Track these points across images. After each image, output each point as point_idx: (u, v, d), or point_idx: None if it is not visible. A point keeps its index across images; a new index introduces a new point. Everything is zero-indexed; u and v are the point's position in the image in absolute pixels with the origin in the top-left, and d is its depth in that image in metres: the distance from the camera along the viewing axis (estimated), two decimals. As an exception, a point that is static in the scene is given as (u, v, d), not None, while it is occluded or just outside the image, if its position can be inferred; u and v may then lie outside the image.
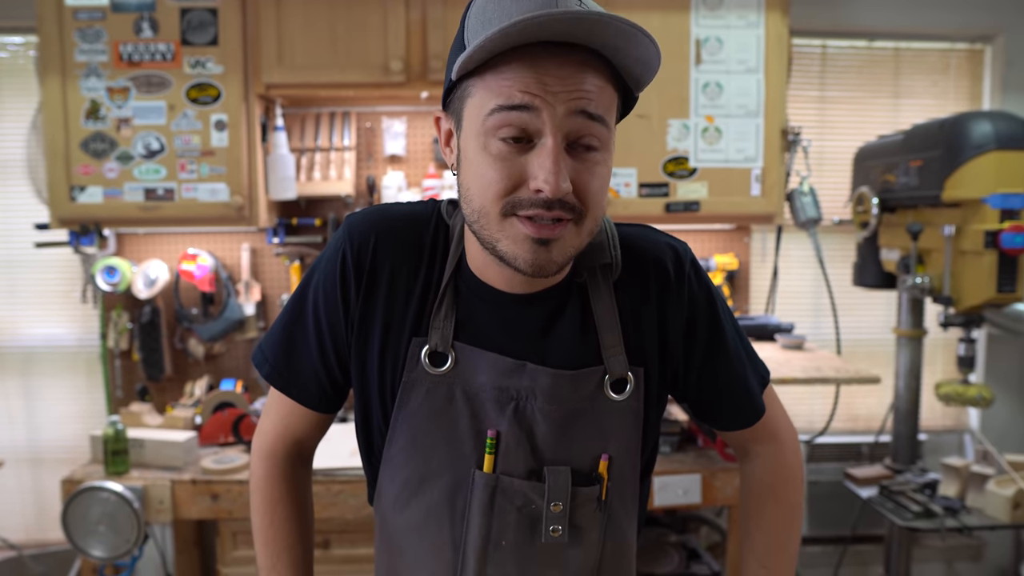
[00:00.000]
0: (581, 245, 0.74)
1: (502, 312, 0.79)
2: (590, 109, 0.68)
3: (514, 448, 0.77)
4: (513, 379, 0.78)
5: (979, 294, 1.85)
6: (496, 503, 0.78)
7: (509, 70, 0.67)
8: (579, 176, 0.69)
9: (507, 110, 0.68)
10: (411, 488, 0.80)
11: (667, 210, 2.11)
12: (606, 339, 0.79)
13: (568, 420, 0.79)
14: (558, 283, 0.80)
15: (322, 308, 0.83)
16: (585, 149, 0.70)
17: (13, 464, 2.48)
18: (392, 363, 0.80)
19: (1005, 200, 1.79)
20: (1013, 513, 1.84)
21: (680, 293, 0.83)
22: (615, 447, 0.80)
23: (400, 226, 0.81)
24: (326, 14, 2.02)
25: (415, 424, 0.79)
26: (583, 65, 0.68)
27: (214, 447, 2.07)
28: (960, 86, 2.61)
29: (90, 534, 1.78)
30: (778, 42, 2.10)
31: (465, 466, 0.78)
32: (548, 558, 0.80)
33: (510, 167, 0.69)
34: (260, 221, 2.12)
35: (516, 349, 0.78)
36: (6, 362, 2.52)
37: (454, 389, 0.79)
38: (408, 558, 0.83)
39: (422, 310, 0.80)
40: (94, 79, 2.05)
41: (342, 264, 0.80)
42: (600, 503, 0.80)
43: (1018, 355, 2.64)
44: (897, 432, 2.28)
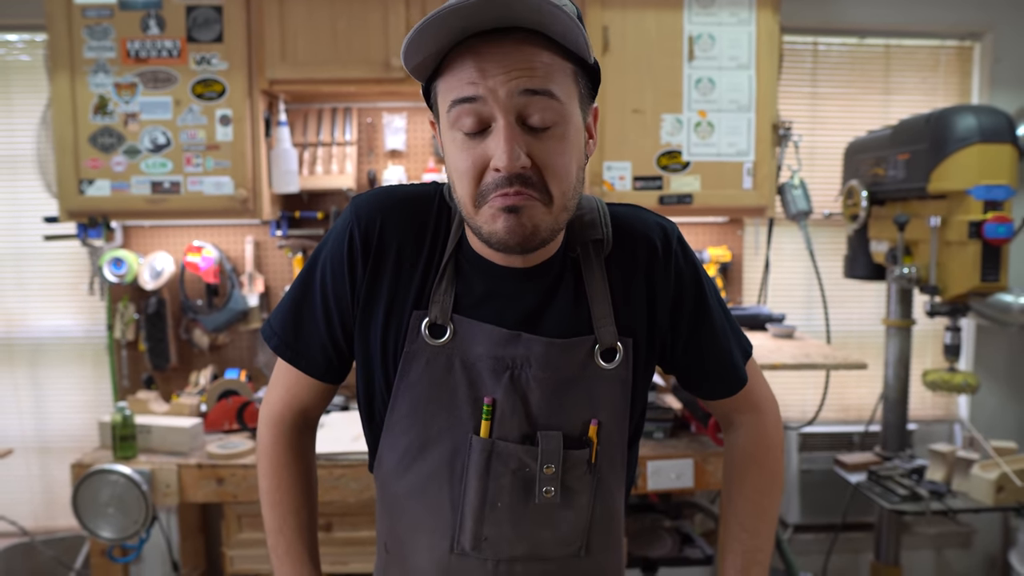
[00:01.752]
0: (557, 221, 0.77)
1: (500, 285, 0.83)
2: (532, 86, 0.71)
3: (509, 414, 0.82)
4: (508, 348, 0.82)
5: (964, 283, 1.90)
6: (492, 466, 0.82)
7: (456, 67, 0.73)
8: (536, 151, 0.73)
9: (460, 103, 0.73)
10: (412, 453, 0.85)
11: (661, 203, 2.17)
12: (597, 310, 0.83)
13: (560, 387, 0.83)
14: (552, 257, 0.84)
15: (329, 284, 0.86)
16: (541, 126, 0.73)
17: (22, 453, 2.53)
18: (395, 335, 0.84)
19: (988, 191, 1.84)
20: (996, 496, 1.89)
21: (667, 268, 0.87)
22: (604, 413, 0.85)
23: (404, 206, 0.86)
24: (328, 11, 2.08)
25: (416, 393, 0.83)
26: (520, 47, 0.71)
27: (219, 434, 2.12)
28: (949, 82, 2.66)
29: (100, 516, 1.83)
30: (769, 39, 2.15)
31: (463, 432, 0.82)
32: (541, 518, 0.84)
33: (474, 154, 0.74)
34: (264, 214, 2.17)
35: (512, 320, 0.82)
36: (15, 353, 2.58)
37: (453, 359, 0.83)
38: (409, 520, 0.87)
39: (424, 285, 0.84)
40: (102, 75, 2.10)
41: (349, 242, 0.85)
42: (590, 466, 0.84)
43: (1006, 345, 2.69)
44: (887, 420, 2.33)
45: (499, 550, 0.84)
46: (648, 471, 1.92)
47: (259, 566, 2.03)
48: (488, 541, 0.83)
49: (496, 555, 0.84)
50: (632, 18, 2.13)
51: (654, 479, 1.93)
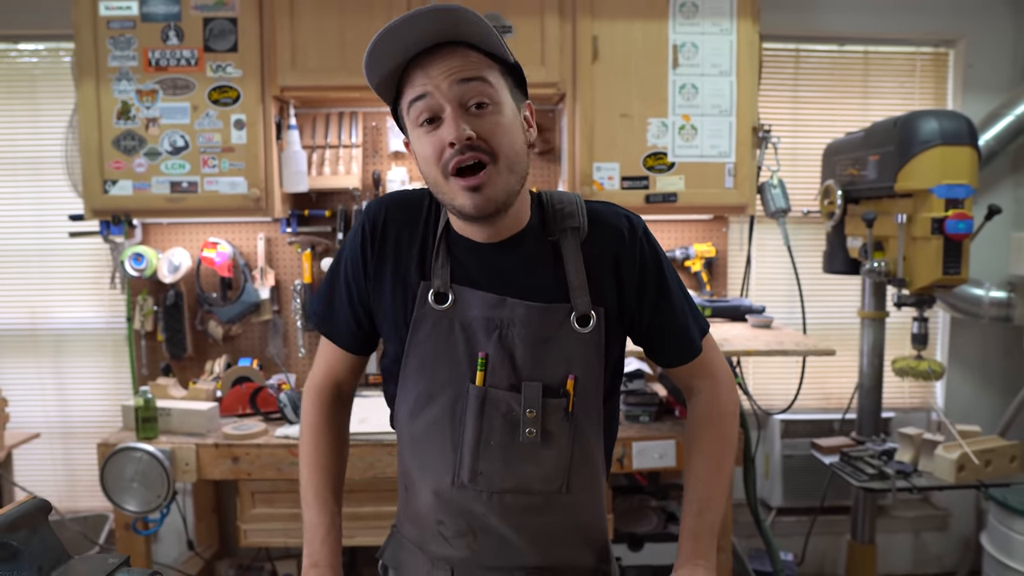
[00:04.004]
0: (510, 184, 0.94)
1: (483, 259, 1.00)
2: (465, 75, 0.91)
3: (499, 366, 0.98)
4: (497, 311, 0.98)
5: (928, 276, 2.03)
6: (485, 410, 0.98)
7: (409, 79, 0.93)
8: (479, 127, 0.91)
9: (415, 101, 0.93)
10: (422, 402, 1.01)
11: (647, 201, 2.31)
12: (573, 283, 0.99)
13: (540, 345, 0.98)
14: (522, 234, 1.01)
15: (349, 269, 1.06)
16: (479, 108, 0.92)
17: (46, 438, 2.68)
18: (402, 303, 1.02)
19: (949, 190, 1.98)
20: (958, 475, 2.03)
21: (632, 253, 1.03)
22: (579, 369, 0.99)
23: (401, 204, 1.06)
24: (336, 23, 2.22)
25: (424, 350, 1.00)
26: (453, 52, 0.91)
27: (233, 417, 2.27)
28: (925, 87, 2.80)
29: (125, 490, 1.98)
30: (749, 47, 2.29)
31: (462, 381, 0.99)
32: (526, 455, 0.99)
33: (433, 140, 0.92)
34: (275, 212, 2.32)
35: (499, 288, 0.99)
36: (40, 343, 2.74)
37: (453, 321, 0.99)
38: (419, 459, 1.03)
39: (423, 262, 1.01)
40: (125, 82, 2.25)
41: (361, 234, 1.05)
42: (567, 414, 0.99)
43: (979, 337, 2.82)
44: (861, 407, 2.47)
45: (492, 483, 0.99)
46: (633, 451, 2.06)
47: (271, 539, 2.18)
48: (483, 475, 0.99)
49: (490, 487, 0.99)
50: (620, 28, 2.27)
51: (639, 459, 2.07)
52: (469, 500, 1.00)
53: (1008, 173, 2.79)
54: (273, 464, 2.04)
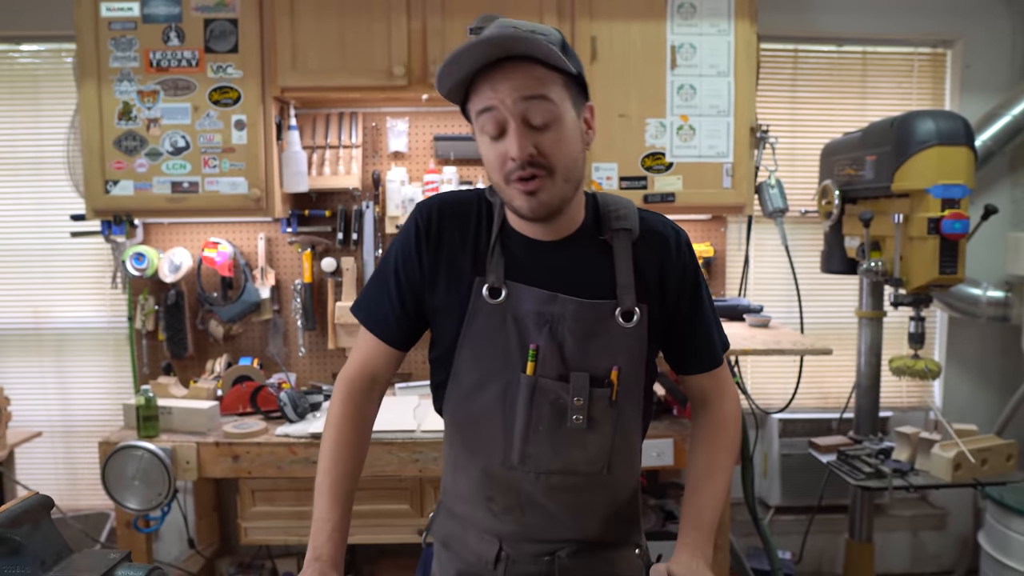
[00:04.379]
0: (565, 192, 1.01)
1: (539, 256, 1.07)
2: (529, 92, 0.96)
3: (549, 358, 1.04)
4: (548, 306, 1.04)
5: (924, 275, 2.04)
6: (535, 398, 1.05)
7: (477, 89, 0.99)
8: (539, 143, 0.97)
9: (482, 113, 0.99)
10: (474, 388, 1.08)
11: (645, 201, 2.32)
12: (621, 281, 1.06)
13: (588, 338, 1.05)
14: (577, 234, 1.08)
15: (401, 266, 1.10)
16: (542, 124, 0.97)
17: (48, 436, 2.70)
18: (456, 297, 1.07)
19: (946, 190, 1.99)
20: (954, 473, 2.04)
21: (677, 261, 1.10)
22: (623, 361, 1.06)
23: (455, 203, 1.11)
24: (336, 24, 2.24)
25: (478, 341, 1.06)
26: (518, 68, 0.96)
27: (234, 416, 2.28)
28: (923, 87, 2.81)
29: (126, 488, 2.00)
30: (747, 48, 2.30)
31: (513, 371, 1.05)
32: (573, 440, 1.06)
33: (497, 149, 0.99)
34: (276, 212, 2.33)
35: (551, 284, 1.05)
36: (42, 343, 2.75)
37: (506, 314, 1.05)
38: (470, 441, 1.10)
39: (476, 258, 1.07)
40: (126, 83, 2.27)
41: (415, 231, 1.09)
42: (611, 402, 1.06)
43: (977, 336, 2.83)
44: (859, 406, 2.48)
45: (540, 465, 1.07)
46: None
47: (271, 537, 2.19)
48: (531, 457, 1.07)
49: (537, 468, 1.07)
50: (618, 29, 2.28)
51: (637, 457, 2.08)
52: (517, 479, 1.08)
53: (1006, 173, 2.80)
54: (273, 462, 2.06)
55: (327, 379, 2.63)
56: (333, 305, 2.55)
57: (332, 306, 2.56)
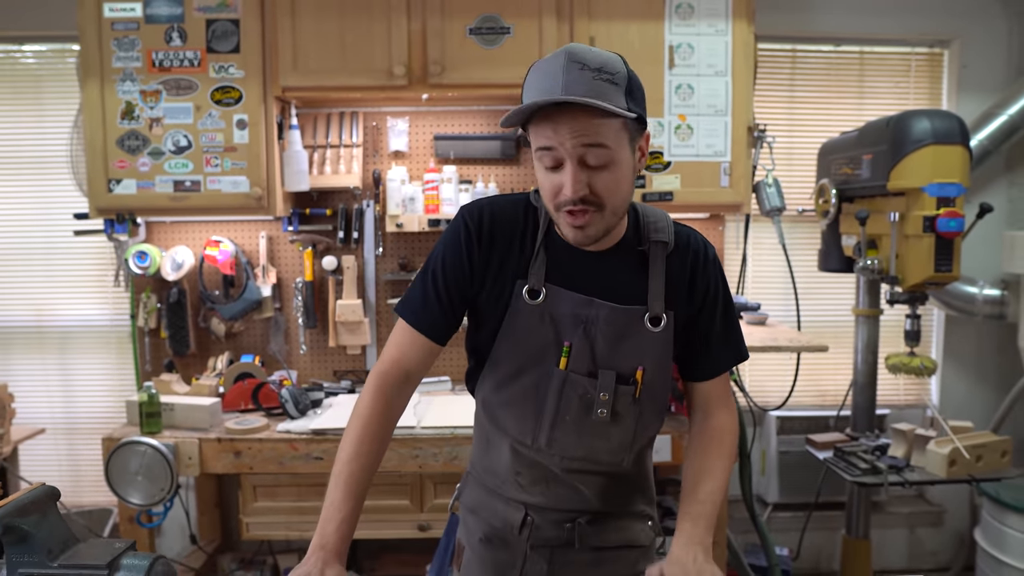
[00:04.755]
0: (610, 224, 1.08)
1: (580, 263, 1.14)
2: (588, 141, 1.00)
3: (580, 355, 1.13)
4: (584, 309, 1.12)
5: (920, 273, 2.06)
6: (565, 390, 1.13)
7: (541, 125, 1.02)
8: (592, 182, 1.03)
9: (542, 150, 1.04)
10: (510, 377, 1.16)
11: (643, 199, 2.34)
12: (653, 289, 1.13)
13: (618, 339, 1.13)
14: (618, 245, 1.14)
15: (448, 263, 1.15)
16: (596, 165, 1.02)
17: (51, 433, 2.72)
18: (498, 295, 1.14)
19: (941, 189, 2.01)
20: (949, 469, 2.06)
21: (705, 272, 1.17)
22: (648, 362, 1.14)
23: (502, 209, 1.17)
24: (336, 24, 2.26)
25: (517, 336, 1.14)
26: (581, 114, 0.99)
27: (235, 413, 2.30)
28: (920, 86, 2.82)
29: (130, 484, 2.02)
30: (744, 48, 2.32)
31: (547, 364, 1.14)
32: (596, 432, 1.15)
33: (553, 180, 1.05)
34: (277, 211, 2.35)
35: (588, 289, 1.13)
36: (45, 340, 2.77)
37: (544, 314, 1.13)
38: (502, 423, 1.18)
39: (520, 262, 1.14)
40: (129, 83, 2.29)
41: (466, 232, 1.15)
42: (634, 399, 1.14)
43: (973, 334, 2.85)
44: (856, 403, 2.50)
45: (565, 450, 1.16)
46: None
47: (273, 532, 2.21)
48: (557, 442, 1.16)
49: (562, 453, 1.16)
50: (617, 29, 2.30)
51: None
52: (543, 460, 1.17)
53: (1002, 172, 2.82)
54: (275, 458, 2.08)
55: (328, 376, 2.65)
56: (334, 303, 2.57)
57: (333, 304, 2.58)
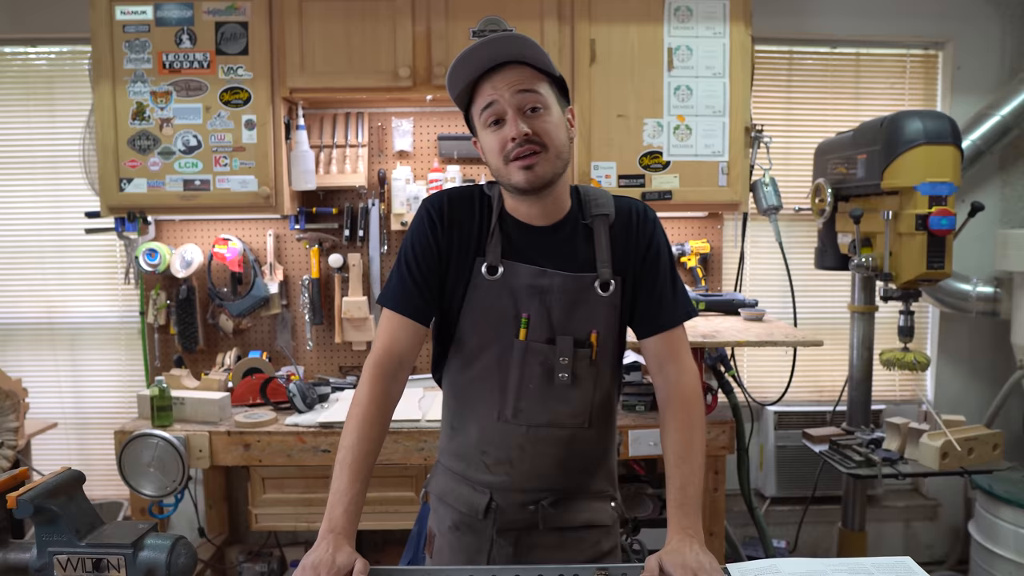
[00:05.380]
0: (557, 168, 1.17)
1: (532, 238, 1.23)
2: (523, 87, 1.15)
3: (538, 324, 1.20)
4: (538, 280, 1.20)
5: (913, 270, 2.11)
6: (527, 359, 1.21)
7: (480, 91, 1.18)
8: (533, 125, 1.15)
9: (485, 108, 1.17)
10: (474, 353, 1.23)
11: (643, 198, 2.38)
12: (599, 257, 1.22)
13: (572, 306, 1.21)
14: (565, 220, 1.23)
15: (419, 250, 1.23)
16: (532, 111, 1.15)
17: (62, 428, 2.77)
18: (460, 275, 1.22)
19: (933, 188, 2.05)
20: (941, 462, 2.10)
21: (644, 230, 1.25)
22: (601, 326, 1.22)
23: (459, 196, 1.26)
24: (343, 27, 2.31)
25: (478, 312, 1.22)
26: (513, 69, 1.16)
27: (244, 407, 2.35)
28: (915, 88, 2.87)
29: (142, 475, 2.07)
30: (741, 50, 2.37)
31: (508, 336, 1.21)
32: (559, 396, 1.22)
33: (499, 135, 1.16)
34: (284, 209, 2.41)
35: (541, 261, 1.21)
36: (56, 337, 2.83)
37: (503, 288, 1.21)
38: (468, 401, 1.25)
39: (479, 243, 1.23)
40: (140, 84, 2.34)
41: (429, 219, 1.23)
42: (591, 361, 1.22)
43: (967, 331, 2.90)
44: (851, 398, 2.54)
45: (531, 418, 1.22)
46: (629, 439, 2.15)
47: (281, 523, 2.26)
48: (523, 412, 1.22)
49: (528, 422, 1.23)
50: (617, 32, 2.35)
51: (635, 446, 2.15)
52: (510, 432, 1.23)
53: (995, 171, 2.86)
54: (283, 451, 2.13)
55: (334, 372, 2.71)
56: (340, 300, 2.63)
57: (339, 301, 2.63)
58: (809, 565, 1.07)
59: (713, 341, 2.11)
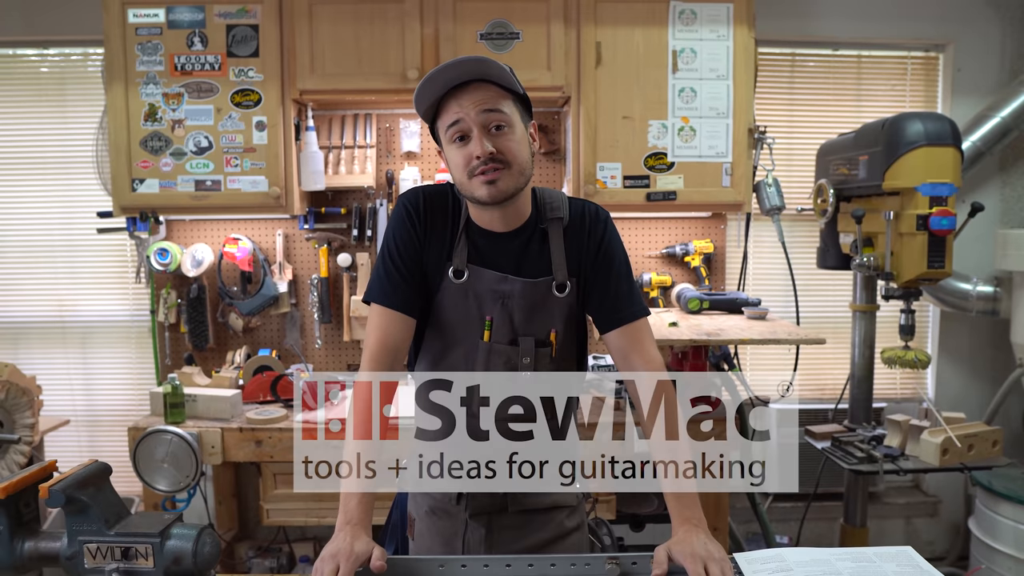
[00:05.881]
0: (518, 182, 1.21)
1: (494, 244, 1.28)
2: (488, 107, 1.19)
3: (501, 326, 1.26)
4: (501, 285, 1.26)
5: (914, 269, 2.14)
6: (491, 359, 1.26)
7: (446, 107, 1.21)
8: (497, 143, 1.19)
9: (451, 126, 1.20)
10: (441, 352, 1.29)
11: (648, 199, 2.42)
12: (555, 260, 1.28)
13: (532, 309, 1.26)
14: (524, 225, 1.28)
15: (401, 244, 1.27)
16: (497, 129, 1.19)
17: (73, 425, 2.80)
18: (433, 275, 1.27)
19: (933, 188, 2.09)
20: (942, 458, 2.14)
21: (595, 231, 1.30)
22: (559, 325, 1.28)
23: (434, 195, 1.30)
24: (352, 29, 2.35)
25: (445, 314, 1.27)
26: (479, 88, 1.19)
27: (255, 404, 2.39)
28: (916, 89, 2.91)
29: (156, 470, 2.10)
30: (745, 52, 2.41)
31: (473, 338, 1.26)
32: None
33: (464, 152, 1.20)
34: (294, 209, 2.44)
35: (503, 267, 1.26)
36: (67, 335, 2.86)
37: (468, 292, 1.26)
38: None
39: (450, 246, 1.27)
40: (152, 86, 2.38)
41: (407, 214, 1.27)
42: (552, 359, 1.28)
43: (967, 330, 2.93)
44: (853, 396, 2.58)
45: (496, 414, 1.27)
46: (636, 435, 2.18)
47: (291, 518, 2.29)
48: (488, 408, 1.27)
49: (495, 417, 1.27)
50: (622, 34, 2.38)
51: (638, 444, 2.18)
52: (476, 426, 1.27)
53: (995, 172, 2.90)
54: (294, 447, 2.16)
55: (342, 369, 2.74)
56: (348, 299, 2.66)
57: (347, 300, 2.66)
58: (813, 554, 1.11)
59: (717, 339, 2.14)
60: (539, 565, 1.15)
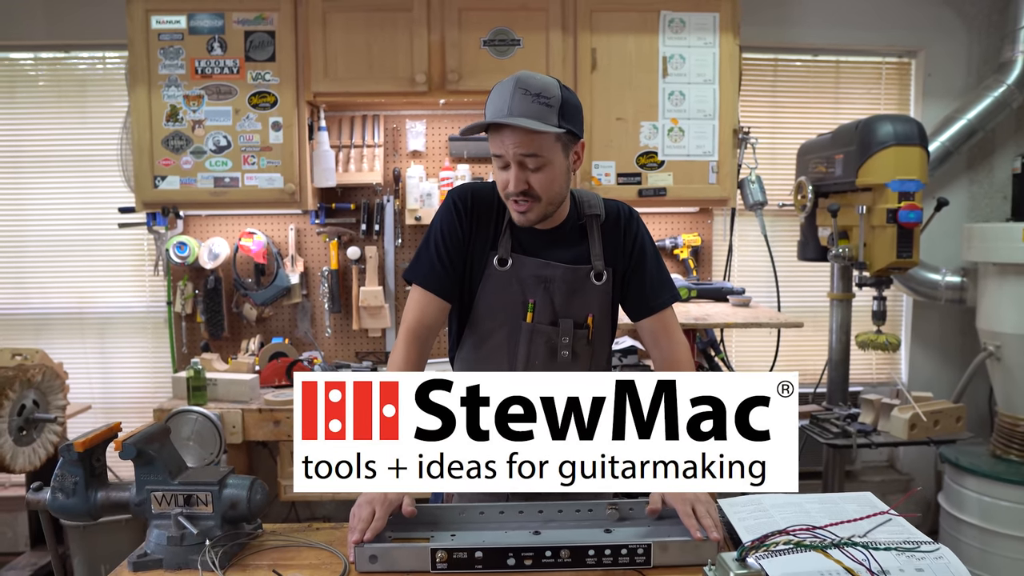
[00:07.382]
0: (547, 211, 1.35)
1: (537, 237, 1.42)
2: (524, 152, 1.29)
3: (543, 309, 1.39)
4: (543, 270, 1.39)
5: (884, 259, 2.33)
6: (533, 339, 1.39)
7: (493, 137, 1.32)
8: (532, 180, 1.32)
9: (494, 155, 1.34)
10: (487, 333, 1.42)
11: (639, 195, 2.59)
12: (593, 251, 1.42)
13: (572, 293, 1.40)
14: (564, 223, 1.42)
15: (447, 233, 1.40)
16: (533, 168, 1.31)
17: (93, 411, 2.93)
18: (476, 265, 1.41)
19: (902, 185, 2.27)
20: (910, 432, 2.32)
21: (630, 229, 1.45)
22: (596, 310, 1.42)
23: (480, 192, 1.44)
24: (364, 36, 2.50)
25: (489, 298, 1.40)
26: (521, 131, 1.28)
27: (271, 388, 2.54)
28: (890, 93, 3.10)
29: (182, 448, 2.24)
30: (730, 58, 2.58)
31: (517, 319, 1.40)
32: (561, 369, 1.39)
33: (503, 176, 1.33)
34: (308, 205, 2.59)
35: (545, 255, 1.40)
36: (86, 326, 2.99)
37: (512, 278, 1.39)
38: None
39: (495, 236, 1.41)
40: (174, 88, 2.52)
41: (455, 208, 1.41)
42: (588, 341, 1.41)
43: (938, 318, 3.13)
44: (831, 378, 2.76)
45: None
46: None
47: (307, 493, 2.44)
48: None
49: None
50: (616, 41, 2.55)
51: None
52: None
53: (963, 170, 3.10)
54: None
55: (351, 357, 2.89)
56: (357, 290, 2.81)
57: (356, 291, 2.81)
58: (786, 499, 1.28)
59: (704, 323, 2.32)
60: (548, 511, 1.31)
